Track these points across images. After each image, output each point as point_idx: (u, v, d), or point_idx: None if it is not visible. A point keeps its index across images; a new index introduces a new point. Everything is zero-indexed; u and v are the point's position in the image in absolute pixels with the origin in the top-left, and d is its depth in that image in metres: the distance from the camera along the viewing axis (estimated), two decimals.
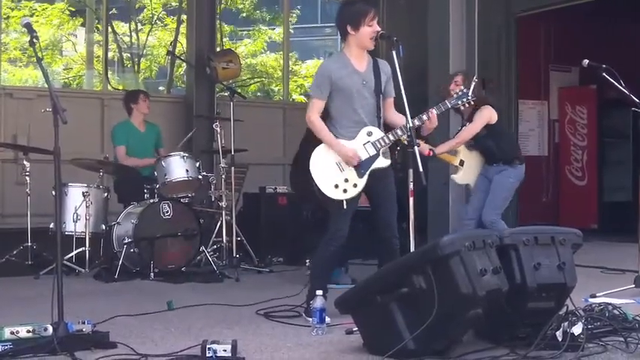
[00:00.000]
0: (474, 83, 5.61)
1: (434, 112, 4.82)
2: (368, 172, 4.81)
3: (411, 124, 4.61)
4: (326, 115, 4.93)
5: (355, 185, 4.80)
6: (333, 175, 4.80)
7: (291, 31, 15.21)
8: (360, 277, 4.14)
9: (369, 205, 5.05)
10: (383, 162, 4.85)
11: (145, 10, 16.93)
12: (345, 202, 4.80)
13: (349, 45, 4.90)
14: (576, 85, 11.14)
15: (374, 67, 4.91)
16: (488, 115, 6.42)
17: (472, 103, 5.09)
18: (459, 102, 5.00)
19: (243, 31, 18.52)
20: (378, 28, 4.81)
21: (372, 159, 4.82)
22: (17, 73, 16.53)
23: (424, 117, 4.79)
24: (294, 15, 17.32)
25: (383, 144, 4.83)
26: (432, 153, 6.05)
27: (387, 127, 4.98)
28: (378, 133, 4.85)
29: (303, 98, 17.72)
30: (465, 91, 4.98)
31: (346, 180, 4.80)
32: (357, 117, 4.86)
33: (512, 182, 6.51)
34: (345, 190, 4.79)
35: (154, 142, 7.82)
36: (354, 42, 4.87)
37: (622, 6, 10.25)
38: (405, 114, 4.63)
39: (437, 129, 5.02)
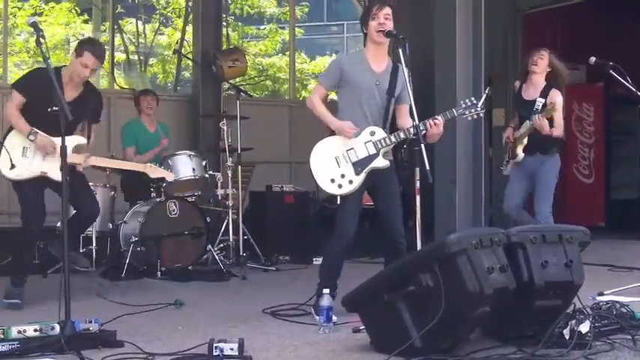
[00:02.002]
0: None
1: (440, 119, 4.80)
2: (366, 171, 4.82)
3: (417, 122, 4.62)
4: (335, 110, 4.96)
5: (351, 182, 4.81)
6: (331, 169, 4.83)
7: (301, 31, 15.15)
8: (367, 275, 4.11)
9: (372, 204, 5.06)
10: (381, 162, 4.85)
11: (152, 9, 16.95)
12: (339, 197, 4.87)
13: (367, 44, 4.98)
14: (583, 82, 11.10)
15: (392, 71, 4.92)
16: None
17: (481, 115, 5.03)
18: (467, 112, 4.93)
19: (252, 28, 18.52)
20: (383, 20, 4.81)
21: (371, 158, 4.83)
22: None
23: (428, 123, 4.76)
24: (300, 12, 17.31)
25: (384, 144, 4.84)
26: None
27: None
28: (380, 134, 4.86)
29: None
30: (474, 102, 4.93)
31: (342, 175, 4.82)
32: (362, 115, 4.87)
33: (556, 173, 6.65)
34: (340, 186, 4.82)
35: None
36: (368, 40, 4.95)
37: (629, 3, 10.23)
38: (411, 110, 4.66)
39: (443, 135, 4.97)
